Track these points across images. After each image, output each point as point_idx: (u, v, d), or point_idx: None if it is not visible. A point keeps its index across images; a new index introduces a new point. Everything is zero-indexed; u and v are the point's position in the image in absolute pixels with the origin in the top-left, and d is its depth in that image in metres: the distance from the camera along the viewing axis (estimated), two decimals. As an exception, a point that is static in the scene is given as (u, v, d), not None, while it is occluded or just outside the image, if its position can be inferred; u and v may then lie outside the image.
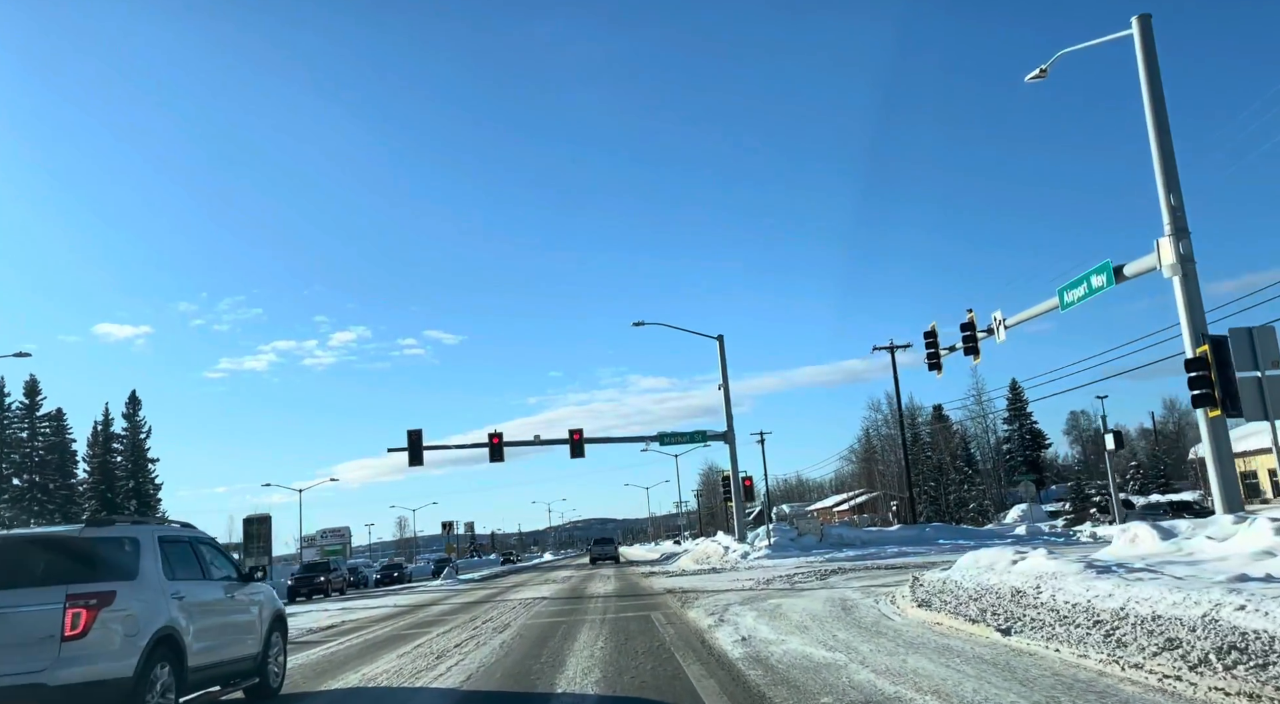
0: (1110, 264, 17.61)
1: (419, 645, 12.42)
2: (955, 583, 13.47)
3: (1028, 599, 10.68)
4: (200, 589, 7.28)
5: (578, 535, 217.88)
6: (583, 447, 40.16)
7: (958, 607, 11.16)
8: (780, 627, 11.43)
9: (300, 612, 24.80)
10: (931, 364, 26.53)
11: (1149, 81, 15.95)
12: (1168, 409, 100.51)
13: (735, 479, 40.02)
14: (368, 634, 15.30)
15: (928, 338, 26.57)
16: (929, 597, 12.67)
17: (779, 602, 15.19)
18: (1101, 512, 54.74)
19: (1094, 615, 8.58)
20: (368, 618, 19.76)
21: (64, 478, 71.63)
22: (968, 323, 24.08)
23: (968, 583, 13.08)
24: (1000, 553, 14.33)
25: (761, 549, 36.60)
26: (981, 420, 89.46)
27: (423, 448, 39.75)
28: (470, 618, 16.96)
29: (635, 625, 13.09)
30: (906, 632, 10.10)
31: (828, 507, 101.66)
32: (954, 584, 13.40)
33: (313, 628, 17.76)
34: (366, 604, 26.30)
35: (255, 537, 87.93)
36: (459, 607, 21.11)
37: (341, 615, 21.47)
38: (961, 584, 13.14)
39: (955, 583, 13.47)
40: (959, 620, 10.01)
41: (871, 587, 17.20)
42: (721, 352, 41.11)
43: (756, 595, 16.98)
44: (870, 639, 9.65)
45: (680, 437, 41.28)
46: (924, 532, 39.24)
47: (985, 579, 12.91)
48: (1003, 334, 22.77)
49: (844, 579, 20.00)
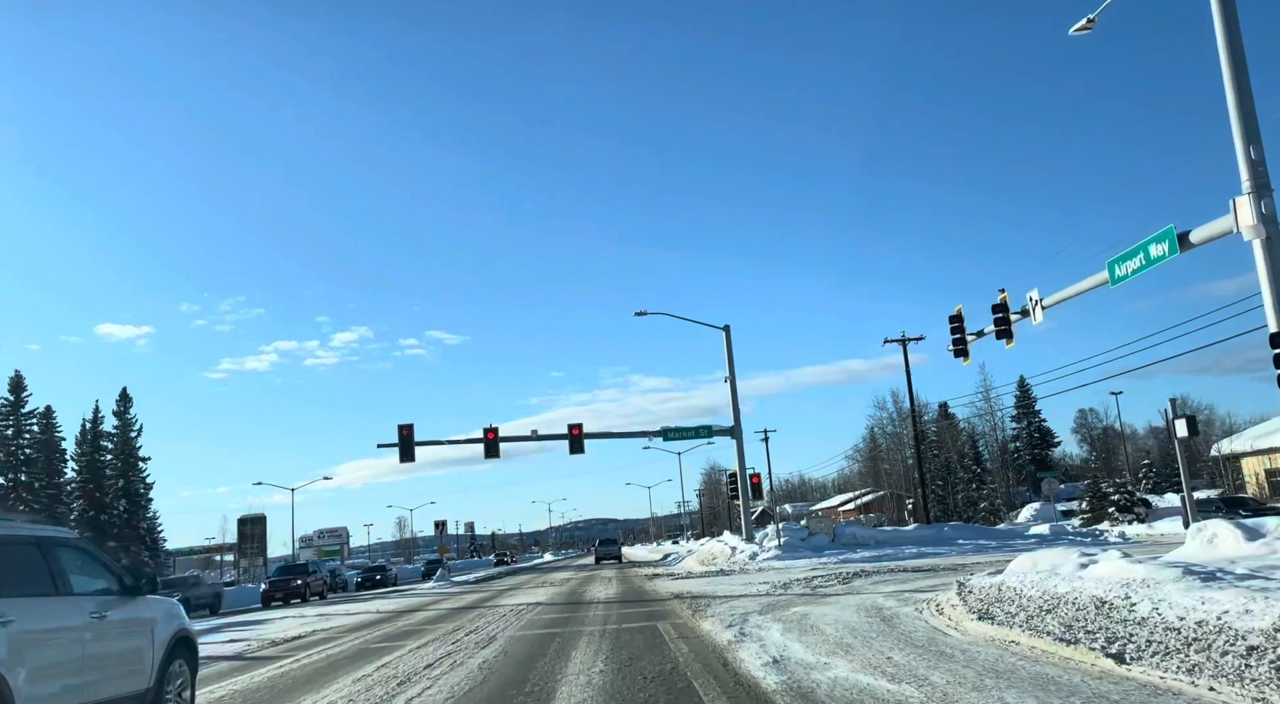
0: (1173, 230, 15.67)
1: (384, 665, 10.49)
2: (1014, 590, 11.54)
3: (1119, 613, 8.76)
4: (46, 610, 5.37)
5: (579, 536, 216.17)
6: (582, 442, 38.23)
7: (1030, 620, 9.25)
8: (815, 644, 9.51)
9: (273, 619, 22.90)
10: (958, 351, 24.57)
11: (1223, 12, 14.03)
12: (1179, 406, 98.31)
13: (742, 476, 38.05)
14: (333, 648, 13.38)
15: (953, 322, 24.62)
16: (985, 606, 10.76)
17: (804, 610, 13.27)
18: (1121, 511, 52.72)
19: (1237, 638, 6.65)
20: (341, 627, 17.84)
21: (51, 477, 69.80)
22: (1000, 304, 22.14)
23: (1030, 590, 11.15)
24: (1063, 555, 12.39)
25: (771, 550, 34.68)
26: (990, 418, 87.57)
27: (414, 444, 37.84)
28: (453, 628, 15.04)
29: (641, 640, 11.17)
30: (978, 653, 8.18)
31: (832, 506, 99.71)
32: (1012, 591, 11.48)
33: (276, 640, 15.83)
34: (347, 609, 24.39)
35: (249, 537, 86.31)
36: (444, 614, 19.19)
37: (316, 623, 19.56)
38: (1023, 592, 11.21)
39: (1014, 590, 11.54)
40: (1043, 639, 8.09)
41: (904, 592, 15.29)
42: (728, 343, 39.21)
43: (776, 602, 15.07)
44: (937, 663, 7.73)
45: (685, 432, 39.34)
46: (942, 531, 37.32)
47: (1052, 586, 10.98)
48: (1040, 315, 20.84)
49: (869, 583, 18.08)
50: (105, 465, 72.39)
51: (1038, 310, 20.86)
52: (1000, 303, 22.07)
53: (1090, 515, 54.87)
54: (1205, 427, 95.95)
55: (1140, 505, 53.42)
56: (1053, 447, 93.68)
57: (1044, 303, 20.73)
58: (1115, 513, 52.53)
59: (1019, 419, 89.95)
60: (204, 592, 35.31)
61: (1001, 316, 22.00)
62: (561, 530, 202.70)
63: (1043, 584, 11.26)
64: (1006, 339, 22.04)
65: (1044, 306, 20.73)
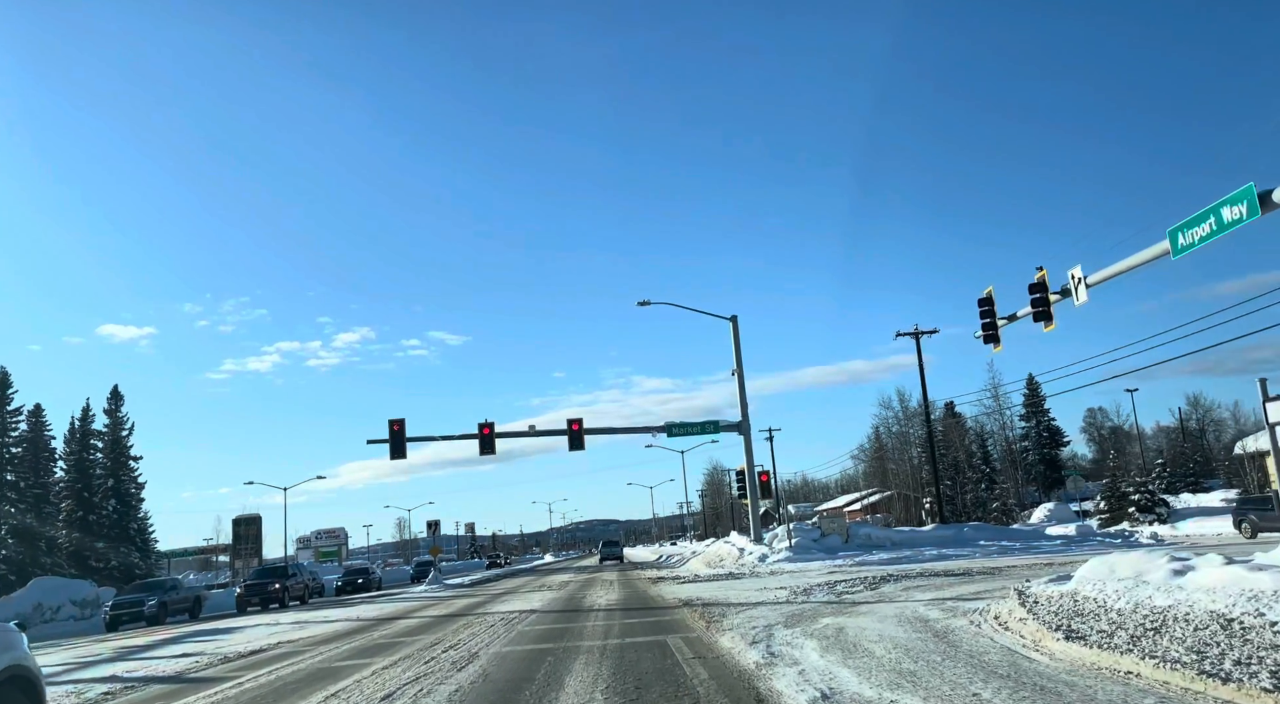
0: (1253, 188, 13.79)
1: (334, 695, 8.62)
2: (1094, 601, 9.68)
3: (1258, 634, 6.89)
4: None
5: (580, 536, 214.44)
6: (582, 438, 36.32)
7: (1136, 642, 7.37)
8: (868, 669, 7.65)
9: (244, 626, 21.04)
10: (988, 336, 22.68)
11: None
12: (1191, 405, 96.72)
13: (751, 473, 36.13)
14: (288, 666, 11.51)
15: (983, 306, 22.73)
16: (1064, 621, 8.88)
17: (837, 622, 11.40)
18: (1141, 511, 50.78)
19: None
20: (312, 638, 15.96)
21: (37, 476, 67.95)
22: (1037, 283, 20.23)
23: (1118, 602, 9.27)
24: (1147, 560, 10.50)
25: (781, 551, 32.80)
26: (998, 416, 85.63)
27: (405, 439, 35.96)
28: (432, 641, 13.16)
29: (649, 660, 9.30)
30: (1091, 690, 6.29)
31: (837, 507, 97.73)
32: (1093, 603, 9.61)
33: (231, 654, 13.95)
34: (326, 616, 22.51)
35: (244, 538, 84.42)
36: (427, 623, 17.32)
37: (287, 632, 17.70)
38: (1108, 604, 9.34)
39: (1094, 601, 9.68)
40: (1175, 671, 6.21)
41: (945, 600, 13.42)
42: (735, 334, 37.33)
43: (800, 612, 13.20)
44: (1042, 701, 5.87)
45: (690, 428, 37.46)
46: (961, 532, 35.41)
47: (1145, 597, 9.11)
48: (1083, 294, 18.94)
49: (900, 589, 16.19)
50: (95, 465, 70.55)
51: (1080, 289, 18.97)
52: (1038, 282, 20.18)
53: (1109, 516, 52.92)
54: (1218, 427, 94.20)
55: (1160, 506, 51.48)
56: (1062, 446, 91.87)
57: (1089, 280, 18.84)
58: (1136, 513, 50.59)
59: (1028, 418, 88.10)
60: (182, 596, 33.46)
61: (1040, 297, 20.09)
62: (563, 531, 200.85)
63: (1132, 595, 9.38)
64: (1045, 322, 20.14)
65: (1089, 284, 18.84)
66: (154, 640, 19.11)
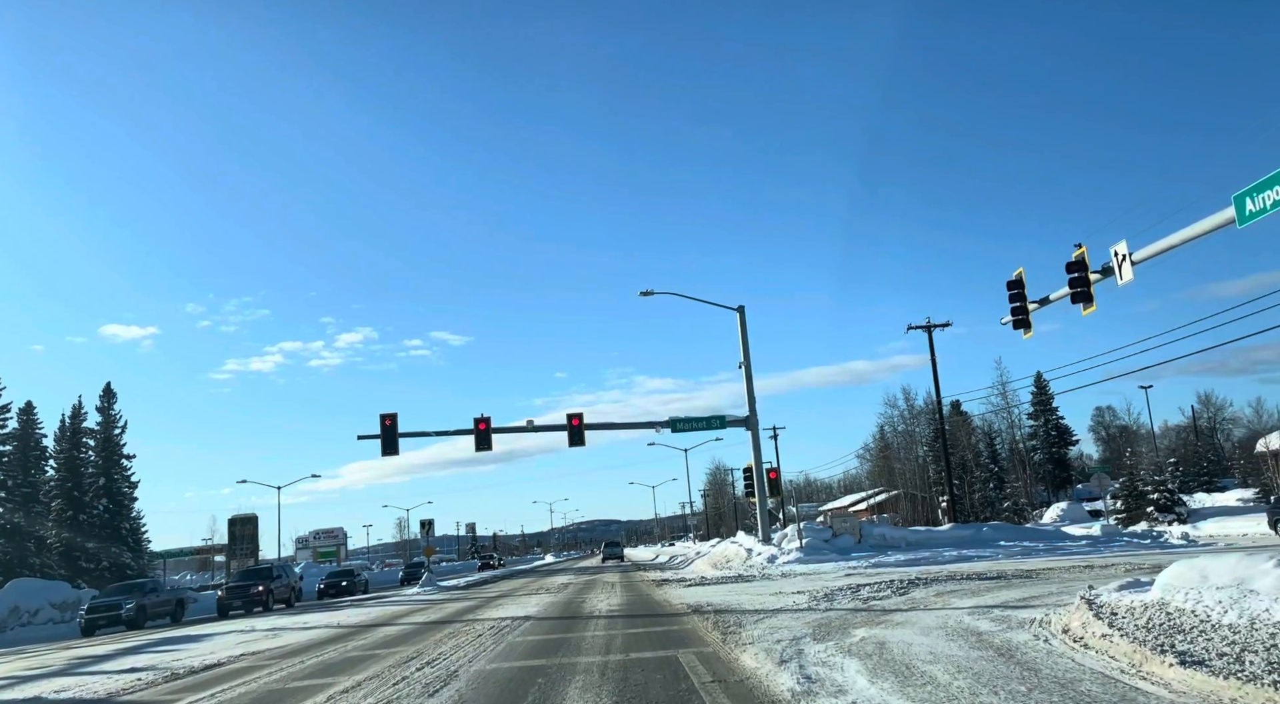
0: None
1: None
2: (1194, 615, 8.08)
3: None
4: None
5: (581, 537, 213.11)
6: (582, 433, 34.71)
7: (1277, 667, 5.79)
8: (935, 701, 6.06)
9: (215, 634, 19.44)
10: (1018, 321, 21.07)
11: None
12: (1202, 404, 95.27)
13: (758, 469, 34.50)
14: (237, 689, 9.91)
15: (1012, 289, 21.13)
16: (1165, 639, 7.28)
17: (876, 636, 9.81)
18: (1161, 510, 49.12)
19: None
20: (280, 648, 14.38)
21: (26, 474, 66.44)
22: (1076, 262, 18.60)
23: (1227, 616, 7.68)
24: (1247, 565, 8.88)
25: (791, 552, 31.20)
26: (1005, 415, 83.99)
27: (398, 435, 34.39)
28: (409, 655, 11.57)
29: (659, 685, 7.72)
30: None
31: (842, 506, 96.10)
32: (1193, 617, 8.02)
33: (183, 670, 12.33)
34: (306, 622, 20.90)
35: (240, 538, 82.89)
36: (410, 631, 15.73)
37: (257, 642, 16.11)
38: (1215, 618, 7.74)
39: (1194, 615, 8.08)
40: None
41: (989, 608, 11.81)
42: (742, 325, 35.74)
43: (827, 621, 11.61)
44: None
45: (696, 423, 35.86)
46: (981, 532, 33.79)
47: (1259, 610, 7.51)
48: (1128, 272, 17.33)
49: (933, 595, 14.59)
50: (85, 463, 69.05)
51: (1125, 266, 17.36)
52: (1077, 260, 18.55)
53: (1126, 515, 51.26)
54: (1231, 424, 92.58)
55: (1179, 505, 49.85)
56: (1070, 445, 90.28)
57: (1134, 257, 17.23)
58: (1155, 513, 48.94)
59: (1035, 416, 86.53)
60: (163, 599, 31.83)
61: (1079, 276, 18.46)
62: (564, 532, 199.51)
63: (1241, 607, 7.78)
64: (1084, 303, 18.52)
65: (1134, 261, 17.23)
66: (114, 650, 17.54)
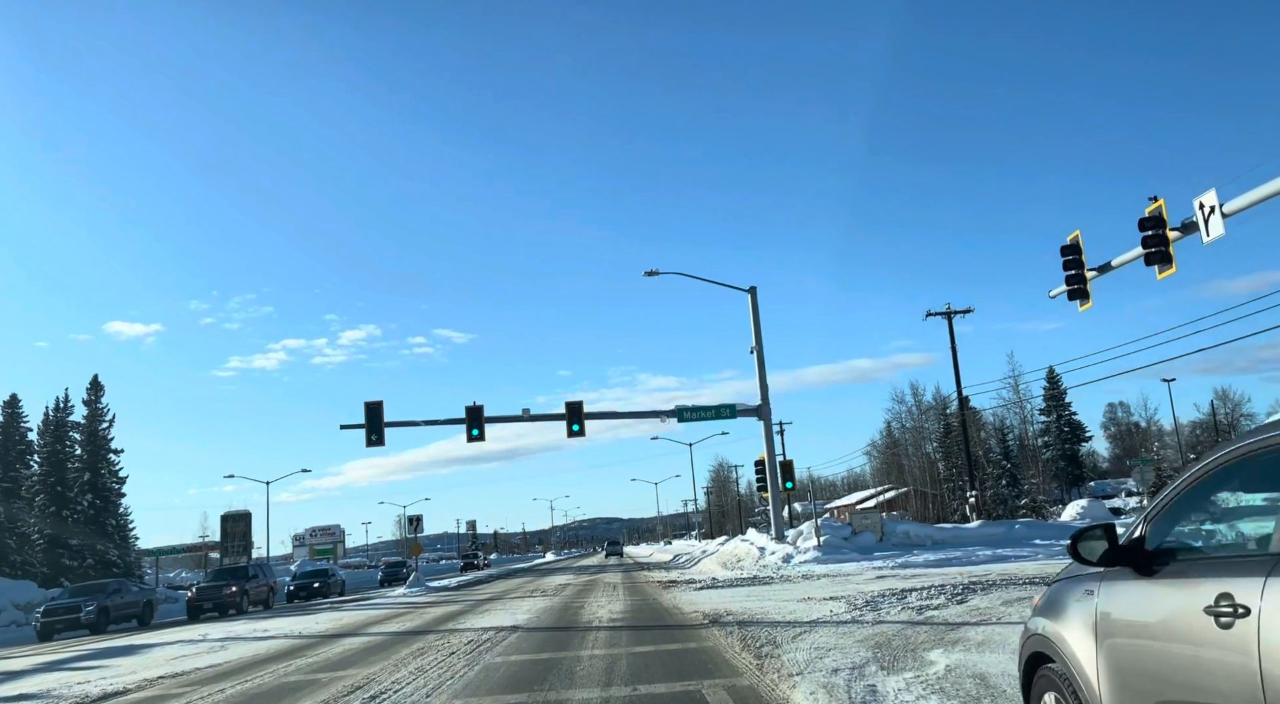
0: None
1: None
2: None
3: None
4: None
5: (583, 535, 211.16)
6: (581, 421, 32.33)
7: None
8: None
9: (163, 643, 17.04)
10: (1074, 291, 18.63)
11: None
12: (1219, 399, 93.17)
13: (771, 460, 32.06)
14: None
15: (1066, 255, 18.69)
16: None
17: (964, 664, 7.35)
18: (1192, 508, 46.77)
19: None
20: (214, 667, 11.96)
21: (7, 469, 64.17)
22: (1151, 218, 16.12)
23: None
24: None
25: (809, 551, 28.79)
26: (1018, 410, 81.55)
27: (384, 424, 32.02)
28: (359, 682, 9.17)
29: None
30: None
31: (848, 504, 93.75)
32: None
33: (75, 697, 9.93)
34: (266, 629, 18.46)
35: (232, 535, 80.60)
36: (375, 645, 13.32)
37: (199, 656, 13.71)
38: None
39: None
40: None
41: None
42: (754, 307, 33.34)
43: (884, 639, 9.15)
44: None
45: (704, 412, 33.50)
46: (1013, 529, 31.43)
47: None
48: (1219, 227, 14.86)
49: (998, 602, 12.12)
50: (70, 457, 66.78)
51: (1214, 219, 14.88)
52: (1152, 215, 16.06)
53: (1154, 513, 48.93)
54: (1248, 421, 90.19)
55: (1212, 503, 47.53)
56: (1083, 441, 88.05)
57: (1225, 209, 14.76)
58: (1185, 510, 46.59)
59: (1047, 412, 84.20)
60: (128, 600, 29.47)
61: (1155, 233, 15.95)
62: (565, 529, 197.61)
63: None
64: (1161, 264, 16.06)
65: (1225, 214, 14.76)
66: (35, 664, 15.18)
